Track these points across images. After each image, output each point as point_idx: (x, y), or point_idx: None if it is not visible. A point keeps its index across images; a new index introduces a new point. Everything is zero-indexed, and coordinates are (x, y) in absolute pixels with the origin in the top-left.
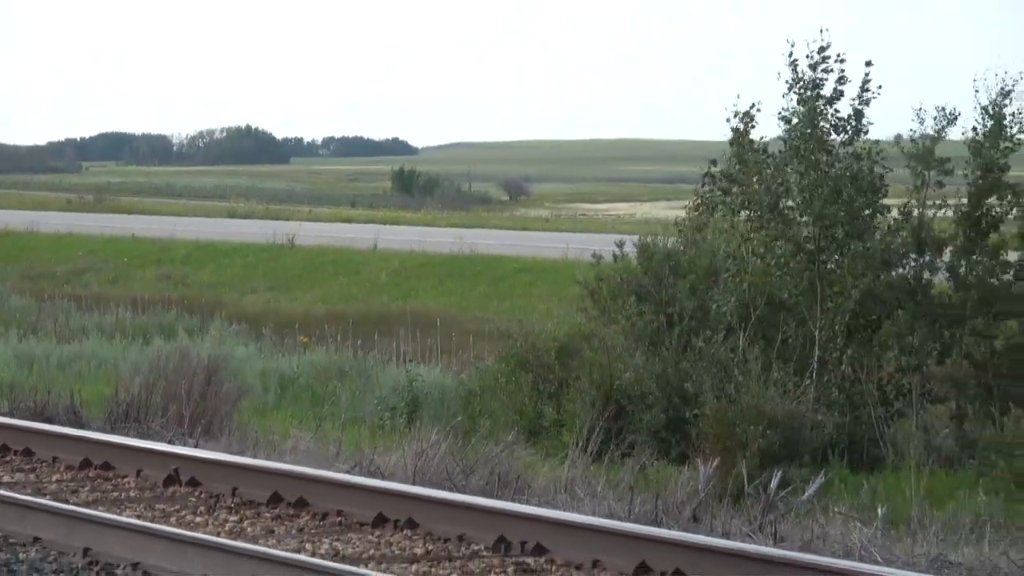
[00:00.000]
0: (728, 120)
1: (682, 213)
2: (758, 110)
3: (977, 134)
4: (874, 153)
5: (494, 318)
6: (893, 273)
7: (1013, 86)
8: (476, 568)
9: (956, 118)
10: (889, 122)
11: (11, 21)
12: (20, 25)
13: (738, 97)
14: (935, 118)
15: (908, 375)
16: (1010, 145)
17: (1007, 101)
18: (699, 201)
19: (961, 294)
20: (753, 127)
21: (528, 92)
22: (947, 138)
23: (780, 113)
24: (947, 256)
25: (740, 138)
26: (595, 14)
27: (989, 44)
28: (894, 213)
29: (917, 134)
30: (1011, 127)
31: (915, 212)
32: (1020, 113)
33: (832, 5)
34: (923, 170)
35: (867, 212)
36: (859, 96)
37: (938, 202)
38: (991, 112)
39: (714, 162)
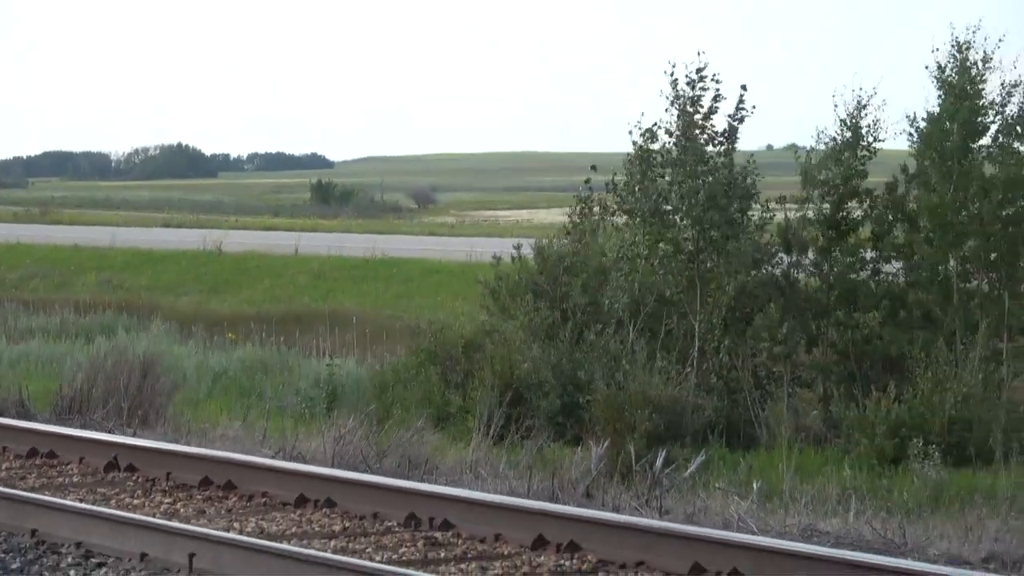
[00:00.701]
0: (630, 133)
1: (569, 218)
2: (659, 128)
3: (837, 144)
4: (750, 164)
5: (405, 316)
6: (764, 271)
7: (868, 100)
8: (389, 543)
9: (848, 145)
10: (767, 132)
11: None
12: None
13: (642, 115)
14: (827, 143)
15: (779, 362)
16: (867, 154)
17: (863, 113)
18: (582, 207)
19: (825, 289)
20: (654, 143)
21: (434, 109)
22: (818, 148)
23: (665, 127)
24: (811, 255)
25: (642, 152)
26: (495, 37)
27: (850, 62)
28: (756, 216)
29: (812, 150)
30: (867, 137)
31: (783, 216)
32: (875, 124)
33: (724, 25)
34: (809, 186)
35: (739, 216)
36: (734, 115)
37: (798, 207)
38: (848, 124)
39: (594, 167)
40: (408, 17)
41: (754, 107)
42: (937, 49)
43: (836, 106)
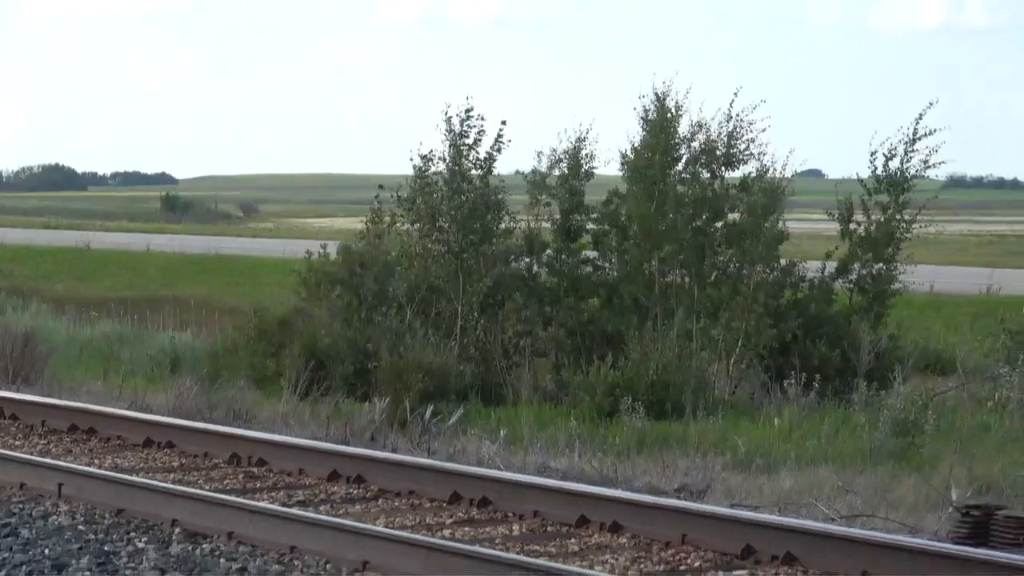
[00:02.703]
0: (411, 160)
1: (362, 224)
2: (434, 153)
3: (564, 169)
4: (500, 185)
5: (234, 300)
6: (513, 267)
7: (585, 135)
8: (216, 475)
9: (561, 160)
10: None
11: None
12: None
13: (420, 144)
14: (547, 159)
15: (523, 338)
16: (586, 177)
17: (582, 146)
18: (373, 216)
19: (558, 281)
20: (431, 166)
21: (260, 135)
22: (555, 173)
23: (439, 155)
24: (547, 255)
25: (422, 173)
26: (312, 75)
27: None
28: (505, 224)
29: (534, 169)
30: (585, 164)
31: (527, 225)
32: (591, 155)
33: (491, 71)
34: (538, 194)
35: (493, 225)
36: (494, 145)
37: (544, 216)
38: (571, 154)
39: (381, 186)
40: (242, 57)
41: (510, 140)
42: (644, 96)
43: (561, 141)
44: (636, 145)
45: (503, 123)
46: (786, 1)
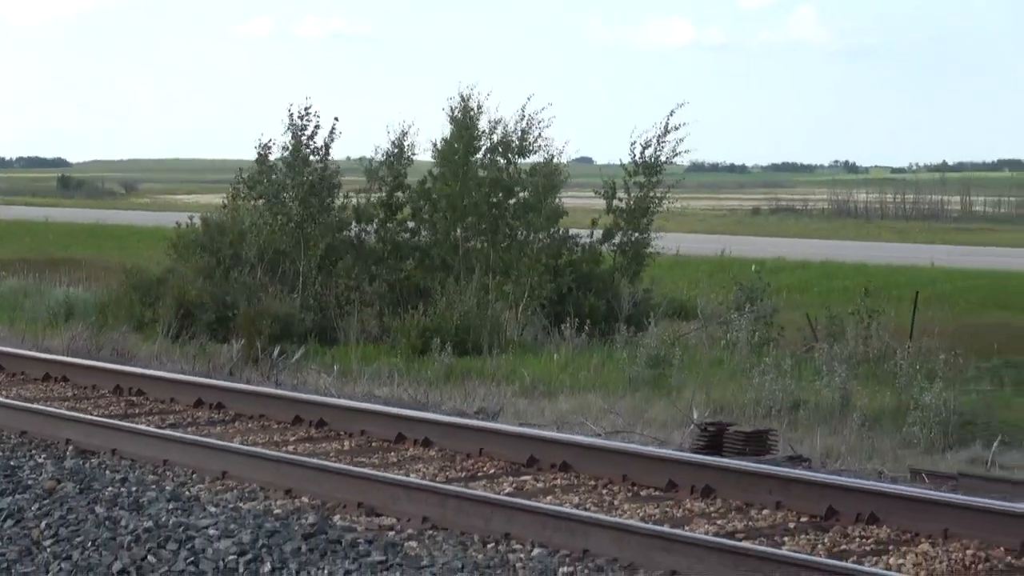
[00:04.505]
0: (255, 147)
1: (223, 200)
2: (273, 143)
3: (388, 156)
4: (334, 168)
5: (118, 261)
6: (345, 235)
7: (408, 128)
8: (103, 403)
9: (396, 156)
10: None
11: None
12: None
13: (262, 134)
14: (381, 152)
15: (352, 291)
16: (407, 163)
17: (406, 136)
18: (233, 193)
19: (382, 245)
20: (270, 152)
21: (138, 126)
22: (377, 159)
23: (281, 144)
24: (375, 224)
25: (262, 158)
26: (177, 76)
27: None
28: (340, 200)
29: (363, 157)
30: (408, 152)
31: (355, 201)
32: (411, 145)
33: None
34: (369, 179)
35: (328, 200)
36: (328, 136)
37: (366, 194)
38: (395, 143)
39: (241, 170)
40: (129, 61)
41: (340, 132)
42: (451, 98)
43: (389, 132)
44: (445, 137)
45: (336, 119)
46: (569, 22)
